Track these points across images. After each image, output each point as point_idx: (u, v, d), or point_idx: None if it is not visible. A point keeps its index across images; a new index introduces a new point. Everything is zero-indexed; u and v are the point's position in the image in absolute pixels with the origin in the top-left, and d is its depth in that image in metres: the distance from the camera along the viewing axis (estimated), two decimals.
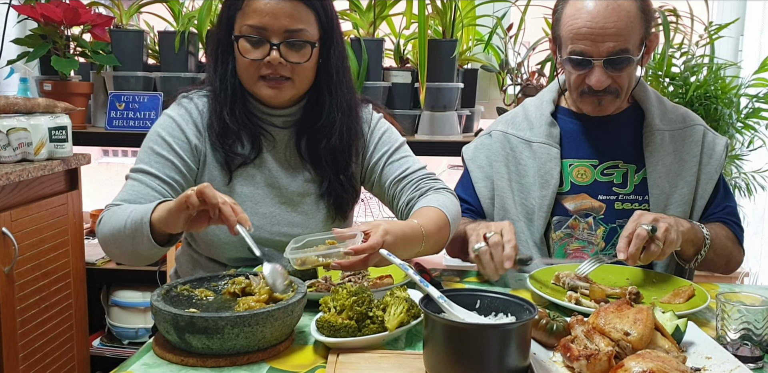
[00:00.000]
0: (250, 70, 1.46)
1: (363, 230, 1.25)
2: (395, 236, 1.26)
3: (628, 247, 1.36)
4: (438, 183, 1.55)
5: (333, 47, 1.51)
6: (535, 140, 1.67)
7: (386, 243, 1.23)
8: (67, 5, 2.36)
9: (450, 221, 1.44)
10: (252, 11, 1.43)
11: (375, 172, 1.59)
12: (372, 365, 1.03)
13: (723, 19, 2.65)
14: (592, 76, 1.53)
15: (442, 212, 1.43)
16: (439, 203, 1.45)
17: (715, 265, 1.61)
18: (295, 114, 1.56)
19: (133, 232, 1.30)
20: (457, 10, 2.39)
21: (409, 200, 1.53)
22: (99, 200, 3.36)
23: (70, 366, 2.26)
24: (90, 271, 2.41)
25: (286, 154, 1.57)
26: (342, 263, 1.21)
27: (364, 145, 1.60)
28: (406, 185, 1.55)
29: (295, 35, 1.44)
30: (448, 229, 1.44)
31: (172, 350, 1.06)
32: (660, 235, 1.36)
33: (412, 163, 1.58)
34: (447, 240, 1.46)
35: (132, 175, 1.47)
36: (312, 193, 1.57)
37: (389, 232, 1.25)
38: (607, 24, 1.47)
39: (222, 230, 1.50)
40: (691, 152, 1.65)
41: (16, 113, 2.00)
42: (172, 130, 1.51)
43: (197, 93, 1.57)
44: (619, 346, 1.02)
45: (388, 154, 1.58)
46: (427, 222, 1.38)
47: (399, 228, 1.29)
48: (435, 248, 1.43)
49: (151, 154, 1.48)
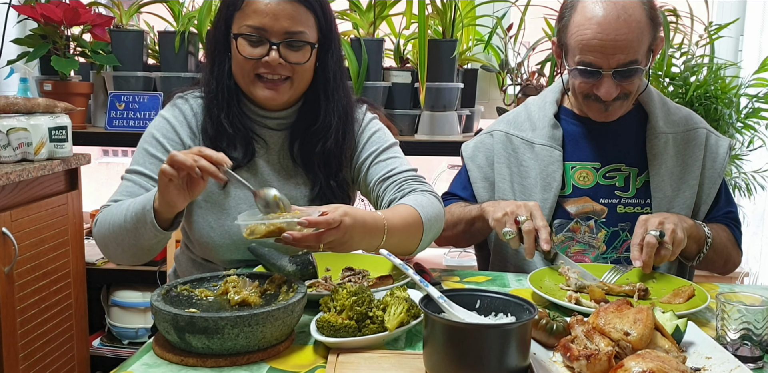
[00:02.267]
0: (246, 68, 1.45)
1: (323, 209, 1.21)
2: (354, 219, 1.21)
3: (640, 254, 1.40)
4: (423, 185, 1.51)
5: (331, 50, 1.50)
6: (537, 142, 1.67)
7: (344, 223, 1.18)
8: (67, 5, 2.36)
9: (424, 220, 1.38)
10: (252, 12, 1.42)
11: (361, 171, 1.57)
12: (372, 365, 1.03)
13: (723, 19, 2.66)
14: (601, 87, 1.51)
15: (415, 211, 1.38)
16: (415, 203, 1.41)
17: (714, 264, 1.62)
18: (290, 117, 1.56)
19: (134, 223, 1.31)
20: (457, 10, 2.39)
21: (392, 200, 1.49)
22: (99, 199, 3.36)
23: (70, 366, 2.26)
24: (90, 271, 2.41)
25: (280, 158, 1.56)
26: (294, 235, 1.15)
27: (353, 146, 1.58)
28: (390, 185, 1.51)
29: (295, 37, 1.43)
30: (420, 229, 1.38)
31: (172, 350, 1.06)
32: (668, 238, 1.40)
33: (399, 165, 1.55)
34: (419, 241, 1.40)
35: (126, 176, 1.48)
36: (304, 196, 1.56)
37: (348, 214, 1.20)
38: (618, 36, 1.45)
39: (216, 232, 1.51)
40: (694, 156, 1.64)
41: (16, 113, 2.00)
42: (166, 131, 1.51)
43: (192, 94, 1.57)
44: (619, 346, 1.02)
45: (376, 154, 1.56)
46: (393, 216, 1.33)
47: (360, 214, 1.24)
48: (402, 246, 1.37)
49: (145, 155, 1.49)
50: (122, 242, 1.36)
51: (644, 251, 1.40)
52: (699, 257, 1.55)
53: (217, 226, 1.51)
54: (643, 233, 1.42)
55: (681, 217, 1.49)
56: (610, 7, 1.46)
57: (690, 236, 1.48)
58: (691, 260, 1.58)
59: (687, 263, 1.61)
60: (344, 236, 1.20)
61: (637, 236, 1.43)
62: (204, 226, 1.52)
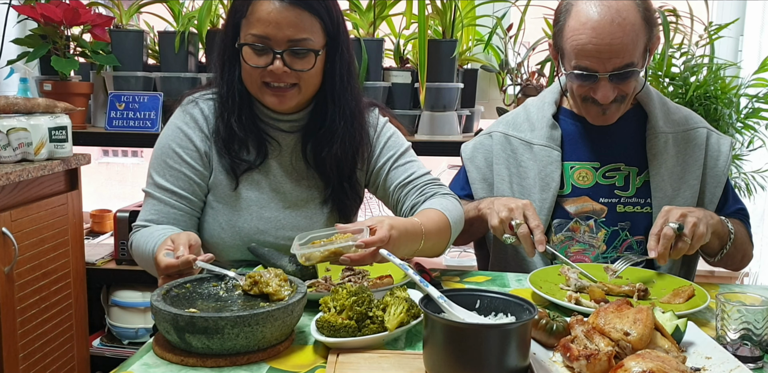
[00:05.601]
0: (253, 76, 1.46)
1: (368, 225, 1.25)
2: (399, 231, 1.27)
3: (657, 245, 1.39)
4: (443, 189, 1.56)
5: (339, 53, 1.50)
6: (536, 142, 1.67)
7: (392, 237, 1.24)
8: (67, 5, 2.36)
9: (451, 224, 1.45)
10: (256, 20, 1.42)
11: (380, 176, 1.59)
12: (372, 365, 1.03)
13: (723, 19, 2.65)
14: (598, 90, 1.51)
15: (444, 215, 1.44)
16: (442, 207, 1.46)
17: (733, 260, 1.62)
18: (302, 119, 1.56)
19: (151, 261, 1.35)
20: (457, 10, 2.39)
21: (414, 205, 1.53)
22: (99, 199, 3.37)
23: (70, 366, 2.26)
24: (90, 271, 2.41)
25: (292, 160, 1.57)
26: (352, 257, 1.21)
27: (369, 150, 1.60)
28: (411, 190, 1.55)
29: (299, 44, 1.43)
30: (449, 232, 1.45)
31: (172, 350, 1.06)
32: (687, 231, 1.39)
33: (417, 169, 1.59)
34: (447, 243, 1.46)
35: (150, 192, 1.53)
36: (316, 198, 1.57)
37: (394, 226, 1.26)
38: (613, 41, 1.44)
39: (227, 233, 1.52)
40: (695, 156, 1.64)
41: (16, 113, 2.00)
42: (180, 140, 1.53)
43: (203, 96, 1.58)
44: (619, 346, 1.02)
45: (394, 159, 1.59)
46: (427, 222, 1.38)
47: (402, 223, 1.30)
48: (433, 249, 1.44)
49: (165, 167, 1.52)
50: (152, 270, 1.39)
51: (660, 243, 1.38)
52: (721, 253, 1.55)
53: (228, 227, 1.52)
54: (663, 223, 1.41)
55: (708, 212, 1.48)
56: (604, 11, 1.46)
57: (714, 232, 1.47)
58: (713, 256, 1.58)
59: (709, 259, 1.61)
60: (393, 248, 1.23)
61: (656, 226, 1.42)
62: (215, 227, 1.53)
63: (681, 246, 1.40)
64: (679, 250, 1.40)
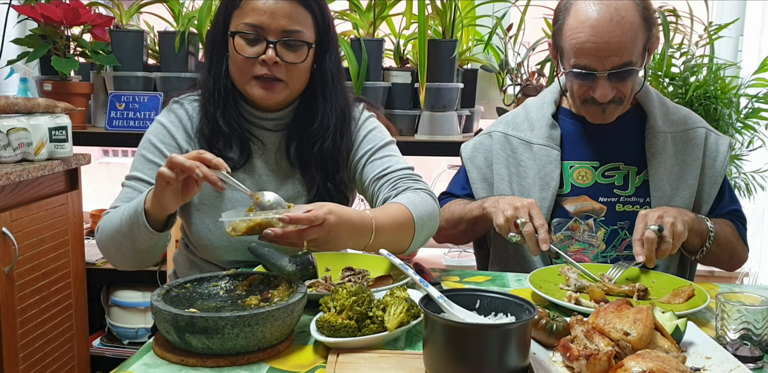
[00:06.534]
0: (243, 68, 1.45)
1: (308, 207, 1.20)
2: (339, 218, 1.20)
3: (642, 249, 1.42)
4: (418, 183, 1.50)
5: (329, 51, 1.50)
6: (535, 142, 1.67)
7: (328, 221, 1.17)
8: (67, 5, 2.36)
9: (415, 219, 1.36)
10: (250, 10, 1.42)
11: (357, 169, 1.57)
12: (372, 365, 1.03)
13: (723, 19, 2.66)
14: (597, 89, 1.52)
15: (406, 210, 1.37)
16: (407, 201, 1.39)
17: (719, 259, 1.63)
18: (286, 117, 1.56)
19: (129, 227, 1.32)
20: (457, 10, 2.39)
21: (386, 199, 1.47)
22: (99, 199, 3.36)
23: (70, 366, 2.26)
24: (90, 271, 2.41)
25: (277, 158, 1.56)
26: (275, 231, 1.15)
27: (350, 144, 1.58)
28: (385, 184, 1.50)
29: (293, 36, 1.43)
30: (412, 228, 1.37)
31: (172, 350, 1.06)
32: (667, 231, 1.42)
33: (394, 163, 1.54)
34: (410, 239, 1.39)
35: (126, 183, 1.50)
36: (302, 197, 1.56)
37: (333, 212, 1.19)
38: (612, 39, 1.45)
39: (214, 234, 1.51)
40: (693, 155, 1.64)
41: (16, 113, 2.00)
42: (162, 136, 1.52)
43: (188, 98, 1.57)
44: (619, 346, 1.02)
45: (371, 152, 1.55)
46: (382, 215, 1.32)
47: (347, 213, 1.23)
48: (393, 245, 1.34)
49: (144, 161, 1.50)
50: (121, 246, 1.37)
51: (645, 247, 1.41)
52: (702, 250, 1.56)
53: (215, 228, 1.51)
54: (643, 228, 1.44)
55: (681, 210, 1.50)
56: (603, 10, 1.46)
57: (691, 229, 1.49)
58: (694, 253, 1.58)
59: (690, 257, 1.62)
60: (328, 235, 1.19)
61: (637, 232, 1.45)
62: (202, 228, 1.52)
63: (664, 247, 1.42)
64: (662, 251, 1.43)
